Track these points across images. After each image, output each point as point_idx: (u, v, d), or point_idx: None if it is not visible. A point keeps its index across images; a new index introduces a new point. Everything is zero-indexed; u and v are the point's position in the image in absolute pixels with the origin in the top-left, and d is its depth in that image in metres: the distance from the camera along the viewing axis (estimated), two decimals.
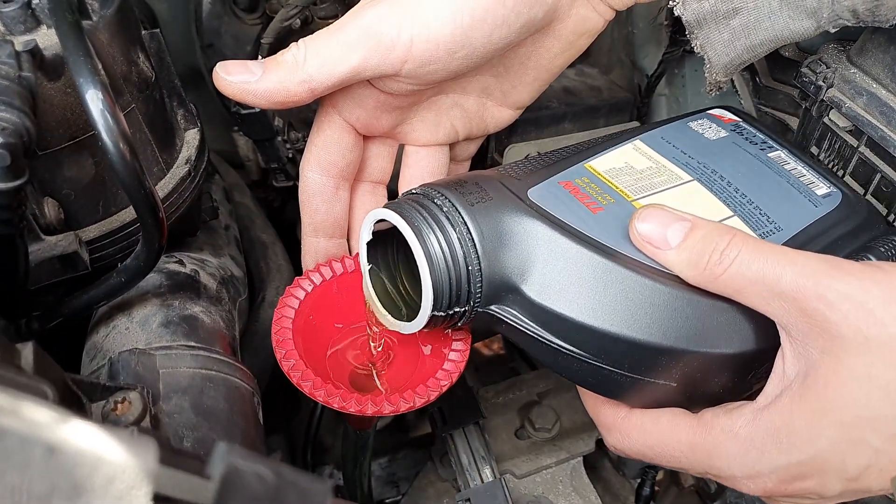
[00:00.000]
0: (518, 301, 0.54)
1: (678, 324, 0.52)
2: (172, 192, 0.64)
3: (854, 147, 0.69)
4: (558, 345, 0.54)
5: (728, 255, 0.50)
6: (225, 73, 0.58)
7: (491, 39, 0.58)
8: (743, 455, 0.51)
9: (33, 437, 0.21)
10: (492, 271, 0.53)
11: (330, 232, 0.68)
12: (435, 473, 0.98)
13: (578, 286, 0.52)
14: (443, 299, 0.53)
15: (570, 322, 0.53)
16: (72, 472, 0.21)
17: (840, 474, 0.49)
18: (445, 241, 0.52)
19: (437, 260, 0.52)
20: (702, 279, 0.52)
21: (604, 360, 0.54)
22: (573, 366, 0.55)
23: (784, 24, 0.61)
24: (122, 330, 0.60)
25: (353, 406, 0.57)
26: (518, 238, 0.54)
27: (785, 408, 0.50)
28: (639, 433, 0.58)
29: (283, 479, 0.27)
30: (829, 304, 0.47)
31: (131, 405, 0.48)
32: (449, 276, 0.52)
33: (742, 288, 0.51)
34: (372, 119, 0.64)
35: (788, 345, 0.51)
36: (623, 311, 0.52)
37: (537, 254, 0.53)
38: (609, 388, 0.57)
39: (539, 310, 0.53)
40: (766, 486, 0.51)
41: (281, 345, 0.60)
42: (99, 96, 0.47)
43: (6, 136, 0.44)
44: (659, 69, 0.94)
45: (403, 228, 0.53)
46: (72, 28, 0.49)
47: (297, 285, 0.65)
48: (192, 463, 0.28)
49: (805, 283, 0.48)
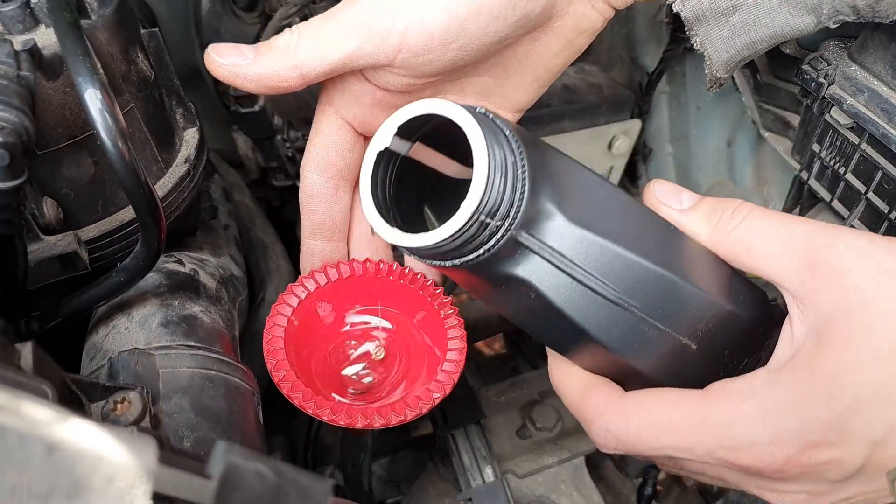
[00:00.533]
0: (554, 227, 0.51)
1: (706, 273, 0.53)
2: (172, 192, 0.64)
3: (855, 144, 0.68)
4: (591, 279, 0.51)
5: (741, 212, 0.53)
6: (216, 55, 0.57)
7: (486, 32, 0.57)
8: (763, 417, 0.48)
9: (33, 436, 0.21)
10: (533, 191, 0.50)
11: (328, 234, 0.67)
12: (436, 473, 0.98)
13: (613, 217, 0.52)
14: (488, 200, 0.48)
15: (608, 251, 0.51)
16: (72, 471, 0.21)
17: (866, 436, 0.46)
18: (498, 142, 0.50)
19: (493, 154, 0.49)
20: (714, 234, 0.53)
21: (632, 298, 0.51)
22: (600, 312, 0.52)
23: (784, 20, 0.61)
24: (122, 330, 0.60)
25: (342, 419, 0.56)
26: (557, 168, 0.53)
27: (804, 364, 0.48)
28: (639, 410, 0.54)
29: (283, 478, 0.27)
30: (839, 253, 0.48)
31: (131, 405, 0.47)
32: (500, 177, 0.49)
33: (753, 243, 0.52)
34: (369, 117, 0.64)
35: (796, 308, 0.51)
36: (661, 249, 0.52)
37: (576, 185, 0.53)
38: (629, 339, 0.53)
39: (577, 238, 0.50)
40: (789, 452, 0.48)
41: (272, 354, 0.60)
42: (98, 95, 0.47)
43: (5, 136, 0.44)
44: (659, 67, 0.94)
45: (462, 117, 0.50)
46: (70, 27, 0.49)
47: (291, 292, 0.65)
48: (192, 462, 0.28)
49: (816, 236, 0.49)
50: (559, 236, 0.50)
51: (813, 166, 0.75)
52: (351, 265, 0.66)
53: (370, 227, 0.54)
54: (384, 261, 0.68)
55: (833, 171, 0.73)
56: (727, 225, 0.53)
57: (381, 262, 0.67)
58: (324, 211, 0.66)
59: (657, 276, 0.51)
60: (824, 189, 0.75)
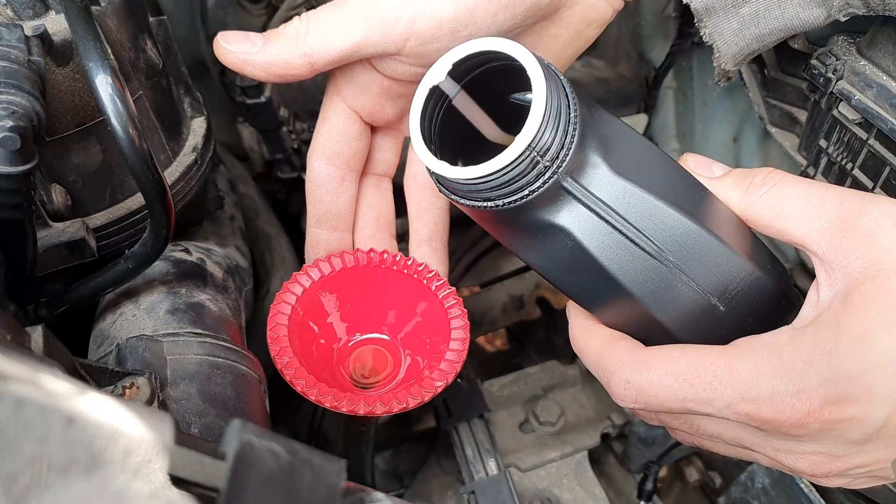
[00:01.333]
0: (597, 175, 0.51)
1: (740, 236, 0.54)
2: (179, 180, 0.64)
3: (863, 140, 0.68)
4: (628, 226, 0.51)
5: (771, 178, 0.53)
6: (226, 43, 0.58)
7: (495, 20, 0.57)
8: (788, 369, 0.48)
9: (53, 408, 0.21)
10: (581, 140, 0.50)
11: (333, 224, 0.67)
12: (439, 466, 0.98)
13: (655, 173, 0.53)
14: (542, 135, 0.48)
15: (645, 199, 0.51)
16: (90, 444, 0.21)
17: (889, 393, 0.46)
18: (555, 84, 0.50)
19: (550, 94, 0.49)
20: (744, 200, 0.54)
21: (669, 251, 0.52)
22: (635, 263, 0.52)
23: (794, 12, 0.61)
24: (129, 317, 0.60)
25: (345, 406, 0.56)
26: (604, 123, 0.54)
27: (830, 322, 0.48)
28: (663, 362, 0.53)
29: (297, 457, 0.27)
30: (874, 219, 0.48)
31: (139, 390, 0.48)
32: (556, 114, 0.49)
33: (784, 208, 0.52)
34: (377, 106, 0.64)
35: (823, 272, 0.51)
36: (694, 202, 0.53)
37: (620, 139, 0.54)
38: (661, 292, 0.53)
39: (620, 189, 0.51)
40: (811, 405, 0.47)
41: (275, 342, 0.60)
42: (108, 81, 0.47)
43: (16, 120, 0.44)
44: (666, 61, 0.94)
45: (521, 52, 0.49)
46: (81, 13, 0.49)
47: (295, 281, 0.65)
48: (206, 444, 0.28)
49: (850, 198, 0.50)
50: (604, 185, 0.51)
51: (820, 162, 0.75)
52: (355, 255, 0.66)
53: (422, 164, 0.54)
54: (388, 251, 0.68)
55: (840, 167, 0.73)
56: (758, 190, 0.53)
57: (385, 253, 0.67)
58: (329, 200, 0.66)
59: (696, 233, 0.52)
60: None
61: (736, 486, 0.99)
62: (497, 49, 0.50)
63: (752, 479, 0.94)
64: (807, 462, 0.51)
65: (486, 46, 0.51)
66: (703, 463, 1.07)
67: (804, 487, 0.83)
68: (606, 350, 0.57)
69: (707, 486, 1.06)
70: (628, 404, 0.55)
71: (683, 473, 1.08)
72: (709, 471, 1.06)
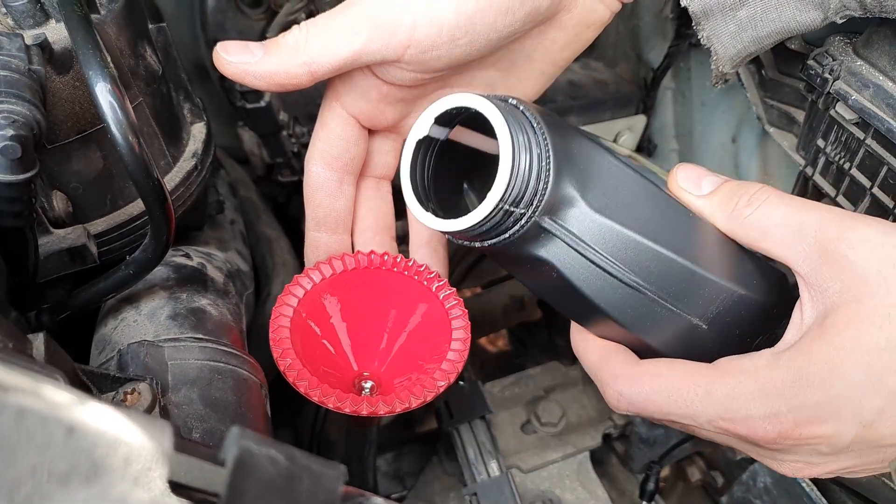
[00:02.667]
0: (575, 214, 0.54)
1: (721, 259, 0.55)
2: (179, 186, 0.64)
3: (861, 140, 0.69)
4: (609, 264, 0.54)
5: (757, 198, 0.54)
6: (225, 53, 0.58)
7: (495, 27, 0.57)
8: (762, 394, 0.51)
9: (54, 417, 0.21)
10: (557, 179, 0.53)
11: (332, 227, 0.68)
12: (441, 468, 0.98)
13: (636, 207, 0.55)
14: (512, 190, 0.51)
15: (626, 239, 0.54)
16: (91, 452, 0.21)
17: (856, 417, 0.49)
18: (524, 133, 0.52)
19: (518, 147, 0.51)
20: (731, 220, 0.55)
21: (650, 285, 0.54)
22: (617, 292, 0.55)
23: (791, 15, 0.61)
24: (131, 322, 0.60)
25: (348, 406, 0.57)
26: (581, 155, 0.55)
27: (805, 348, 0.50)
28: (651, 378, 0.56)
29: (295, 463, 0.27)
30: (851, 244, 0.49)
31: (141, 396, 0.48)
32: (525, 168, 0.52)
33: (768, 230, 0.53)
34: (376, 112, 0.64)
35: (807, 293, 0.52)
36: (675, 235, 0.54)
37: (598, 173, 0.55)
38: (643, 319, 0.56)
39: (596, 225, 0.54)
40: (781, 428, 0.50)
41: (278, 343, 0.60)
42: (108, 88, 0.47)
43: (17, 129, 0.45)
44: (664, 62, 0.94)
45: (489, 110, 0.52)
46: (80, 21, 0.49)
47: (297, 283, 0.65)
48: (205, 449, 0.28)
49: (828, 224, 0.50)
50: (580, 223, 0.54)
51: (818, 162, 0.76)
52: (356, 257, 0.67)
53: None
54: (388, 253, 0.68)
55: (838, 167, 0.73)
56: (743, 212, 0.54)
57: (385, 255, 0.67)
58: (328, 204, 0.66)
59: (670, 262, 0.54)
60: (829, 184, 0.75)
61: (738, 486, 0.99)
62: (468, 105, 0.53)
63: (754, 479, 0.94)
64: (787, 467, 0.55)
65: (458, 103, 0.53)
66: (705, 462, 1.07)
67: (806, 487, 0.83)
68: (602, 361, 0.60)
69: (709, 486, 1.06)
70: (622, 412, 0.59)
71: (685, 473, 1.08)
72: (711, 470, 1.06)
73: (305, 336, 0.64)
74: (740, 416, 0.52)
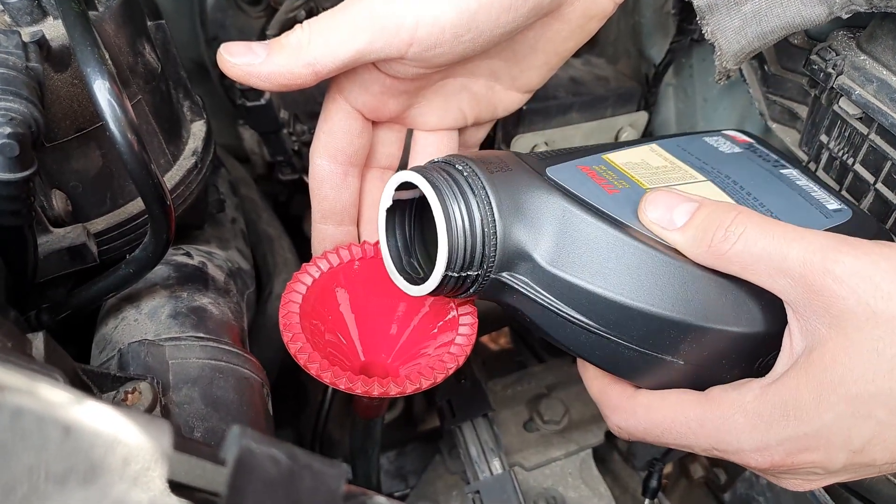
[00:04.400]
0: (530, 269, 0.54)
1: (688, 297, 0.53)
2: (179, 184, 0.64)
3: (864, 135, 0.68)
4: (568, 315, 0.54)
5: (734, 232, 0.51)
6: (228, 55, 0.57)
7: (498, 23, 0.57)
8: (751, 428, 0.52)
9: (50, 417, 0.21)
10: (507, 238, 0.54)
11: (339, 219, 0.68)
12: (443, 466, 0.98)
13: (590, 255, 0.53)
14: (457, 259, 0.53)
15: (580, 290, 0.53)
16: (88, 453, 0.21)
17: (845, 446, 0.49)
18: (464, 203, 0.53)
19: (454, 220, 0.53)
20: (708, 256, 0.52)
21: (612, 332, 0.54)
22: (581, 338, 0.55)
23: (796, 10, 0.60)
24: (131, 321, 0.60)
25: (359, 387, 0.57)
26: (534, 207, 0.55)
27: (792, 382, 0.50)
28: (645, 411, 0.58)
29: (297, 462, 0.27)
30: (837, 278, 0.47)
31: (142, 395, 0.48)
32: (465, 237, 0.53)
33: (748, 265, 0.51)
34: (379, 104, 0.64)
35: (795, 322, 0.51)
36: (633, 281, 0.53)
37: (551, 223, 0.54)
38: (616, 362, 0.57)
39: (550, 278, 0.54)
40: (773, 459, 0.51)
41: (288, 328, 0.60)
42: (106, 86, 0.47)
43: (15, 126, 0.44)
44: (666, 58, 0.94)
45: (424, 186, 0.54)
46: (78, 18, 0.49)
47: (305, 271, 0.65)
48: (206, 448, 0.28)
49: (812, 258, 0.48)
50: (535, 276, 0.55)
51: (821, 157, 0.75)
52: (363, 247, 0.67)
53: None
54: None
55: (841, 162, 0.72)
56: (720, 247, 0.51)
57: None
58: (334, 196, 0.67)
59: (627, 309, 0.53)
60: (832, 180, 0.74)
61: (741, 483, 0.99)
62: (413, 182, 0.55)
63: (757, 475, 0.94)
64: (787, 483, 0.56)
65: (403, 179, 0.56)
66: (707, 460, 1.07)
67: None
68: (601, 393, 0.62)
69: (712, 483, 1.06)
70: (624, 439, 0.62)
71: (688, 470, 1.08)
72: (714, 467, 1.06)
73: (314, 324, 0.64)
74: (732, 448, 0.53)
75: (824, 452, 0.50)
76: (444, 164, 0.56)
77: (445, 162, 0.57)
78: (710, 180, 0.63)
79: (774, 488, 0.94)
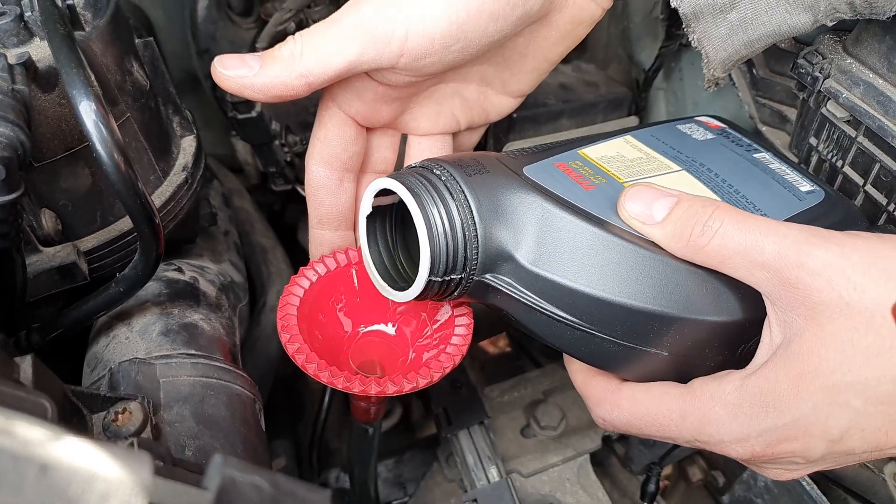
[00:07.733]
0: (513, 269, 0.55)
1: (668, 290, 0.54)
2: (170, 200, 0.64)
3: (852, 137, 0.68)
4: (551, 312, 0.55)
5: (711, 227, 0.52)
6: (222, 68, 0.58)
7: (486, 32, 0.58)
8: (731, 420, 0.52)
9: (26, 456, 0.21)
10: (488, 239, 0.55)
11: (335, 224, 0.69)
12: (441, 474, 0.98)
13: (570, 254, 0.54)
14: (440, 264, 0.54)
15: (562, 288, 0.54)
16: (65, 491, 0.21)
17: (824, 436, 0.50)
18: (444, 207, 0.54)
19: (435, 224, 0.53)
20: (687, 251, 0.53)
21: (595, 327, 0.55)
22: (566, 334, 0.56)
23: (781, 18, 0.61)
24: (123, 339, 0.60)
25: (357, 386, 0.57)
26: (513, 208, 0.55)
27: (771, 373, 0.51)
28: (629, 403, 0.59)
29: (280, 490, 0.27)
30: (811, 271, 0.48)
31: (132, 415, 0.48)
32: (446, 242, 0.53)
33: (726, 259, 0.52)
34: (372, 111, 0.65)
35: (773, 314, 0.52)
36: (614, 276, 0.54)
37: (531, 223, 0.55)
38: (600, 357, 0.57)
39: (533, 277, 0.55)
40: (753, 450, 0.52)
41: (286, 329, 0.61)
42: (92, 107, 0.47)
43: (1, 150, 0.44)
44: (656, 63, 0.94)
45: (403, 193, 0.54)
46: (64, 40, 0.49)
47: (303, 275, 0.66)
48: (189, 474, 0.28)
49: (786, 252, 0.49)
50: (518, 277, 0.55)
51: (811, 160, 0.75)
52: (359, 251, 0.67)
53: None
54: None
55: (831, 165, 0.73)
56: (698, 242, 0.52)
57: None
58: (330, 202, 0.67)
59: (608, 305, 0.54)
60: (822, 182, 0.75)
61: (739, 485, 0.99)
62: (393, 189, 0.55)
63: (755, 478, 0.94)
64: (770, 473, 0.57)
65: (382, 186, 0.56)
66: (706, 462, 1.07)
67: (806, 486, 0.83)
68: (585, 385, 0.63)
69: (711, 485, 1.06)
70: (609, 430, 0.64)
71: (687, 473, 1.07)
72: (712, 470, 1.06)
73: (311, 326, 0.65)
74: (713, 439, 0.54)
75: (803, 442, 0.51)
76: (421, 169, 0.57)
77: (423, 167, 0.57)
78: (686, 170, 0.64)
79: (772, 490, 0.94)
